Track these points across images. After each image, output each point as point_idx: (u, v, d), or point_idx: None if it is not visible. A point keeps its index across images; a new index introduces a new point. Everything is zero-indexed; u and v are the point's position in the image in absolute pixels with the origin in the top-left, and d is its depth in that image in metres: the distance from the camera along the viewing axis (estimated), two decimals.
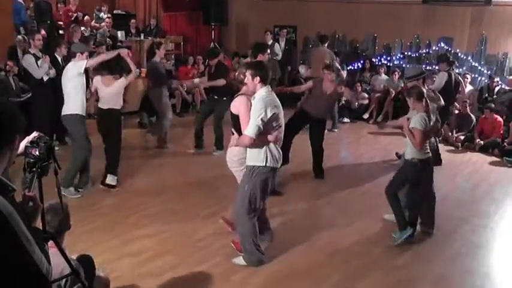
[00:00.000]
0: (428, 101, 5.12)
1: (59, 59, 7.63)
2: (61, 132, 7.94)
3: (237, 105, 4.47)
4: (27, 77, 7.68)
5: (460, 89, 8.59)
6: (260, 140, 4.17)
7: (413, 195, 5.18)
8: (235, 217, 4.39)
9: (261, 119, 4.09)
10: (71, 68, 5.91)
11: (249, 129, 4.12)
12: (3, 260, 1.70)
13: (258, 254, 4.42)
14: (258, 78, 4.20)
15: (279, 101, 4.32)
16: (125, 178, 6.60)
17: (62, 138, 8.03)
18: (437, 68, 9.30)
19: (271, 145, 4.23)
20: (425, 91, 5.21)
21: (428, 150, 5.08)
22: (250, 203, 4.27)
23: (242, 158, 4.51)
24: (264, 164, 4.21)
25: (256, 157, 4.23)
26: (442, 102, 6.86)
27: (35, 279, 1.79)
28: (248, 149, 4.30)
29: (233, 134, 4.60)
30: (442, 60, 8.39)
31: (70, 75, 5.88)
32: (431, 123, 5.07)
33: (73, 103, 5.89)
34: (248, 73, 4.26)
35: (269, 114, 4.12)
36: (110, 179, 6.23)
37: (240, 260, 4.46)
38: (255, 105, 4.18)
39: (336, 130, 9.89)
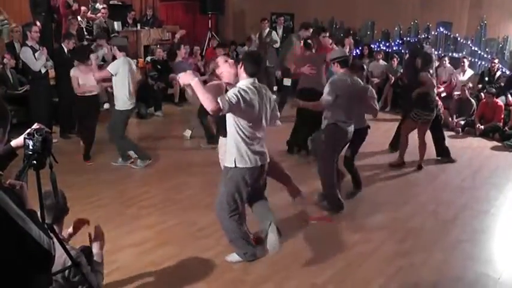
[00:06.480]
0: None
1: (65, 50, 7.62)
2: (64, 126, 7.95)
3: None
4: (25, 70, 7.64)
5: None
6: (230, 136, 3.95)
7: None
8: (217, 213, 4.24)
9: (240, 95, 3.74)
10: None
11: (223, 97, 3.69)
12: (2, 241, 1.68)
13: (249, 247, 4.30)
14: (243, 68, 3.92)
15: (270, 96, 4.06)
16: (123, 169, 6.57)
17: (65, 131, 8.00)
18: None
19: (242, 145, 3.93)
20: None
21: None
22: (228, 203, 4.12)
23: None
24: (234, 166, 4.00)
25: (228, 159, 4.04)
26: None
27: (38, 256, 1.78)
28: (223, 150, 4.13)
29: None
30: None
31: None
32: None
33: None
34: (240, 63, 3.97)
35: (248, 99, 3.78)
36: None
37: (233, 257, 4.36)
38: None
39: None
